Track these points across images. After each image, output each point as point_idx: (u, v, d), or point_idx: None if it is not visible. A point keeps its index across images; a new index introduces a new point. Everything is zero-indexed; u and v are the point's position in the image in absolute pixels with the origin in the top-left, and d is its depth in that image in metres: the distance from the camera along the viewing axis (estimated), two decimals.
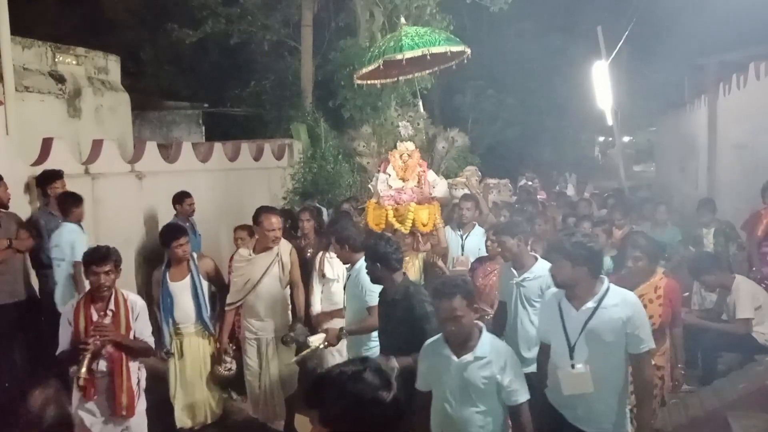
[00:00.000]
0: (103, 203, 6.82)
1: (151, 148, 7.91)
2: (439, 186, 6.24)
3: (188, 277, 4.96)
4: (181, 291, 4.94)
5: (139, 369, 4.15)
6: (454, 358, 3.15)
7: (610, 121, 15.26)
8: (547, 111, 20.73)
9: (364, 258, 4.04)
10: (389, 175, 5.95)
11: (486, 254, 5.56)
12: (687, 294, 6.80)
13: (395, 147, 6.15)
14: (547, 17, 19.58)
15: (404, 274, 3.99)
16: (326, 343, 4.31)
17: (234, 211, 8.10)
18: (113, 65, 9.62)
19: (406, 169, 5.93)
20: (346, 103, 12.05)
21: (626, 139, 27.64)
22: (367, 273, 3.95)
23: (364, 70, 6.31)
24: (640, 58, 22.28)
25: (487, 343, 3.17)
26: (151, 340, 4.14)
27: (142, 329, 4.08)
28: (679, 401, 5.23)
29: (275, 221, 4.94)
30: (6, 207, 5.55)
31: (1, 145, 5.92)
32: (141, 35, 16.06)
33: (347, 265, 4.82)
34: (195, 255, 5.04)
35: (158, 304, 4.97)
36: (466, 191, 7.23)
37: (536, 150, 21.75)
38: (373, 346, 4.38)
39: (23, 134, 6.61)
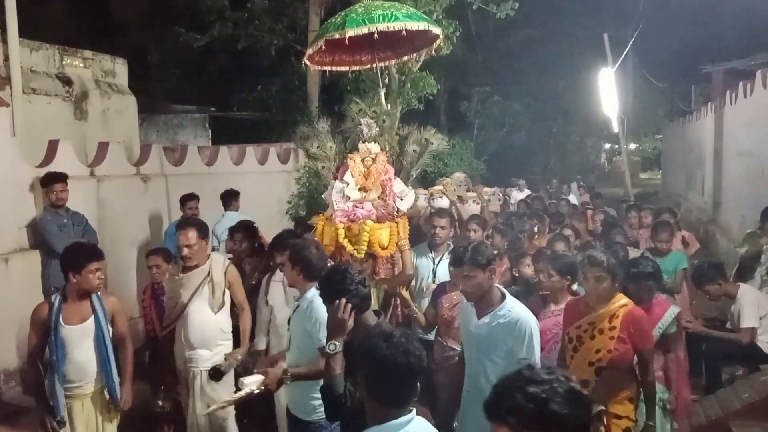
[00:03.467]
0: (108, 205, 6.85)
1: (157, 151, 7.95)
2: (407, 198, 5.12)
3: (91, 320, 3.73)
4: (79, 338, 3.70)
5: None
6: None
7: (615, 128, 15.25)
8: (553, 117, 20.74)
9: (318, 291, 3.22)
10: (347, 184, 4.72)
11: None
12: (694, 302, 6.76)
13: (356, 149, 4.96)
14: (553, 24, 19.60)
15: (380, 314, 3.19)
16: (263, 387, 3.41)
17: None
18: (120, 68, 9.67)
19: (368, 177, 4.73)
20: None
21: (633, 146, 27.59)
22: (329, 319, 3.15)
23: (309, 52, 5.20)
24: (646, 66, 22.27)
25: None
26: None
27: None
28: None
29: (191, 236, 4.20)
30: None
31: (7, 146, 5.96)
32: (148, 39, 16.15)
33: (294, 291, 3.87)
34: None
35: (41, 355, 3.73)
36: (444, 201, 6.54)
37: (542, 156, 21.73)
38: None
39: (30, 136, 6.65)
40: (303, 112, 13.00)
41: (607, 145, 31.04)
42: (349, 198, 4.71)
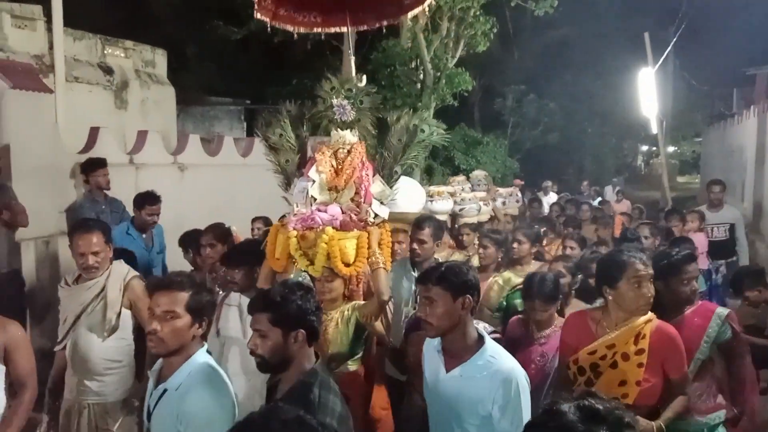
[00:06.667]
0: None
1: (194, 141, 8.06)
2: (409, 195, 4.19)
3: None
4: None
5: None
6: None
7: (654, 130, 14.94)
8: (590, 117, 20.47)
9: (258, 322, 2.28)
10: (312, 182, 3.67)
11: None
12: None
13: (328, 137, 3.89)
14: (592, 23, 19.30)
15: (317, 356, 2.41)
16: None
17: (272, 207, 8.18)
18: (160, 59, 9.82)
19: (340, 173, 3.67)
20: (385, 103, 12.09)
21: (671, 149, 27.06)
22: (261, 355, 2.26)
23: None
24: (687, 67, 21.82)
25: None
26: None
27: None
28: None
29: (96, 240, 3.43)
30: None
31: (49, 132, 6.09)
32: (186, 32, 16.37)
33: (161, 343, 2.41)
34: None
35: None
36: (444, 204, 5.74)
37: (577, 157, 21.47)
38: None
39: (71, 123, 6.80)
40: None
41: (644, 148, 30.52)
42: (315, 199, 3.65)
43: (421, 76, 12.85)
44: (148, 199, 5.40)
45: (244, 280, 3.65)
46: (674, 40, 16.66)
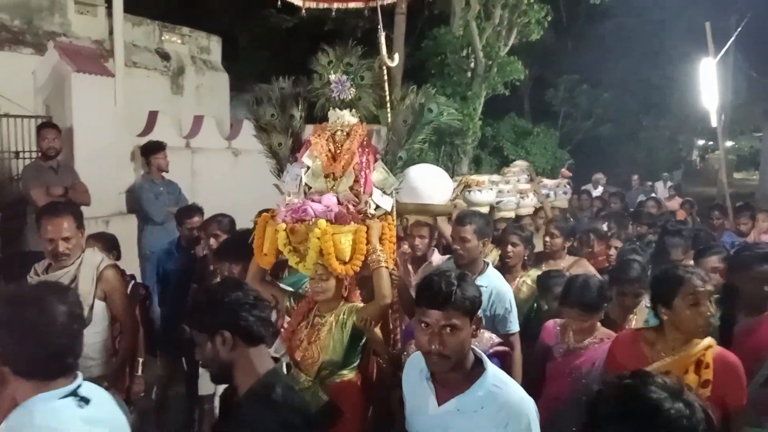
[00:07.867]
0: (201, 176, 7.10)
1: (248, 126, 8.11)
2: (433, 185, 4.04)
3: None
4: None
5: None
6: None
7: (714, 123, 14.46)
8: (645, 109, 19.83)
9: (199, 333, 2.03)
10: (306, 168, 3.25)
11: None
12: None
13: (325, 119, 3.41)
14: (650, 10, 18.68)
15: (276, 361, 2.23)
16: None
17: None
18: (215, 45, 9.97)
19: (337, 159, 3.22)
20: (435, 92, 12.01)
21: (728, 144, 26.13)
22: (209, 362, 2.02)
23: None
24: (748, 58, 20.97)
25: None
26: None
27: None
28: None
29: (67, 225, 3.16)
30: (53, 157, 5.30)
31: (109, 115, 6.26)
32: (239, 20, 16.59)
33: None
34: None
35: None
36: (484, 196, 5.34)
37: (630, 150, 20.89)
38: None
39: (130, 107, 6.96)
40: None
41: (700, 142, 29.54)
42: (310, 188, 3.22)
43: (472, 64, 12.68)
44: (184, 214, 4.89)
45: (244, 276, 3.26)
46: (738, 29, 16.01)
